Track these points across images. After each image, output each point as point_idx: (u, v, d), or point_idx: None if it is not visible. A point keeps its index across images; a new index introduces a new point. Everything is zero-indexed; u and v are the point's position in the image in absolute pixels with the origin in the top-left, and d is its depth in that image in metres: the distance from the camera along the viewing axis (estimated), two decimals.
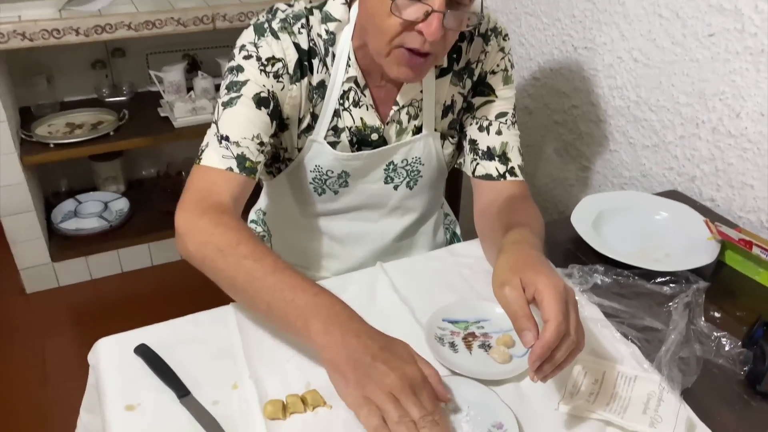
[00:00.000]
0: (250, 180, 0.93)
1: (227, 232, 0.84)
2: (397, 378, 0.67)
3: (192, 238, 0.85)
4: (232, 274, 0.81)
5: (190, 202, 0.89)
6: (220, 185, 0.90)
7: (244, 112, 0.93)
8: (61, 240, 2.20)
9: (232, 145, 0.92)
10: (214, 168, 0.91)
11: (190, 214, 0.87)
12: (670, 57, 1.22)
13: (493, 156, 1.04)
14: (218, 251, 0.82)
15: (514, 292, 0.72)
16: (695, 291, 0.92)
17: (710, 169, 1.19)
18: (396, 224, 1.17)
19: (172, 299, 2.09)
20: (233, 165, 0.91)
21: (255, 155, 0.93)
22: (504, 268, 0.76)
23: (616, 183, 1.42)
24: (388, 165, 1.07)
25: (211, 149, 0.92)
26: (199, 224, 0.85)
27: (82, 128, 2.09)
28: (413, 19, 0.83)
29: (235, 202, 0.91)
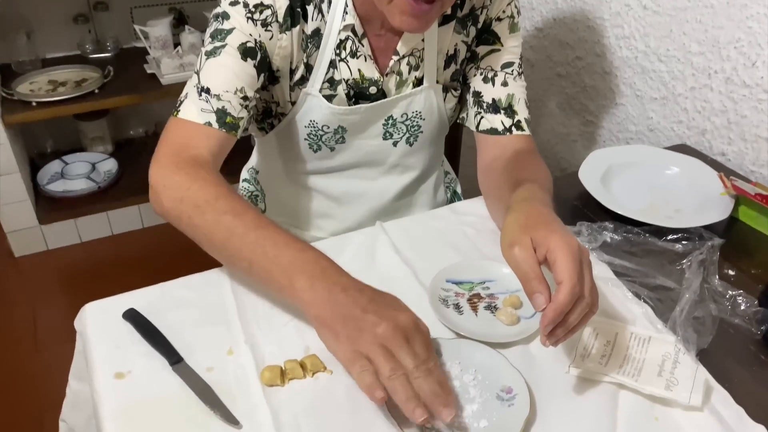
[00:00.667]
0: (230, 137, 0.88)
1: (205, 186, 0.79)
2: (389, 327, 0.63)
3: (167, 193, 0.81)
4: (210, 231, 0.77)
5: (165, 155, 0.84)
6: (198, 139, 0.86)
7: (228, 63, 0.88)
8: (48, 202, 2.15)
9: (213, 99, 0.86)
10: (192, 122, 0.86)
11: (165, 168, 0.83)
12: (682, 3, 1.15)
13: (498, 109, 0.98)
14: (195, 207, 0.78)
15: (525, 252, 0.68)
16: (709, 248, 0.88)
17: (722, 122, 1.14)
18: (395, 183, 1.13)
19: (164, 262, 2.05)
20: (212, 120, 0.86)
21: (237, 110, 0.88)
22: (513, 226, 0.72)
23: (621, 138, 1.37)
24: (387, 120, 1.02)
25: (189, 101, 0.87)
26: (175, 179, 0.81)
27: (66, 86, 2.01)
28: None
29: (213, 158, 0.86)
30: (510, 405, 0.67)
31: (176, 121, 0.88)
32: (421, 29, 0.87)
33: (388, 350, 0.63)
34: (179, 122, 0.87)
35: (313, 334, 0.76)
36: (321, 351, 0.74)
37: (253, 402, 0.68)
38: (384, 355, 0.62)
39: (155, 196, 0.83)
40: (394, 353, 0.62)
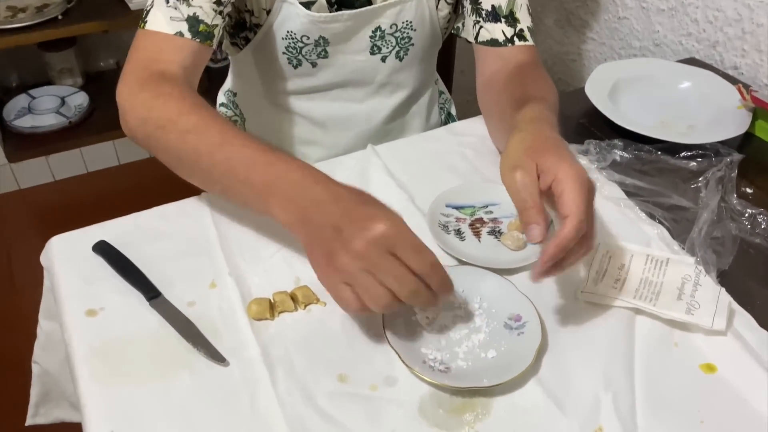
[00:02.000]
0: (205, 47, 0.79)
1: (168, 102, 0.72)
2: (362, 242, 0.55)
3: (132, 114, 0.74)
4: (177, 153, 0.71)
5: (131, 72, 0.76)
6: (167, 53, 0.77)
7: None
8: (16, 139, 2.03)
9: (182, 5, 0.77)
10: (161, 33, 0.77)
11: (130, 86, 0.75)
12: None
13: (498, 17, 0.90)
14: (158, 128, 0.71)
15: (527, 178, 0.61)
16: (728, 164, 0.82)
17: (735, 33, 1.06)
18: (385, 103, 1.05)
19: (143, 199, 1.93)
20: (183, 29, 0.77)
21: (210, 17, 0.78)
22: (518, 148, 0.64)
23: (624, 55, 1.29)
24: (374, 31, 0.93)
25: (157, 9, 0.77)
26: (139, 98, 0.74)
27: (26, 12, 1.87)
28: None
29: (186, 71, 0.78)
30: (519, 333, 0.62)
31: (143, 34, 0.79)
32: None
33: (368, 271, 0.55)
34: (147, 34, 0.78)
35: (303, 265, 0.70)
36: (313, 282, 0.68)
37: (240, 338, 0.63)
38: (362, 279, 0.55)
39: (122, 118, 0.76)
40: (374, 273, 0.55)
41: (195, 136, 0.69)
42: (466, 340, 0.62)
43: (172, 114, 0.71)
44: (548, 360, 0.62)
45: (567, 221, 0.58)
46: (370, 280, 0.55)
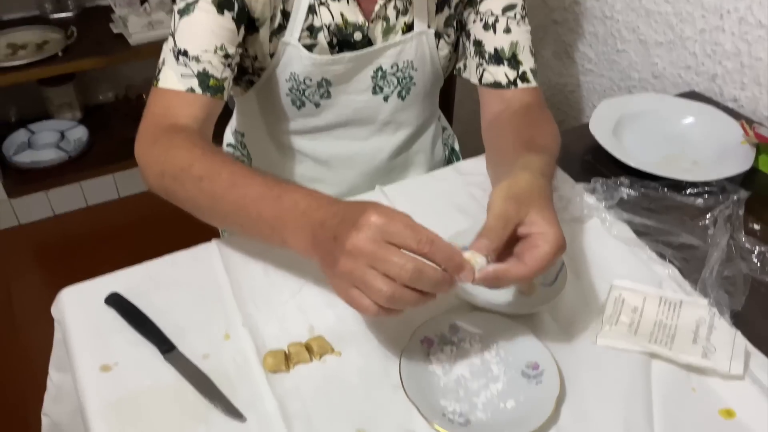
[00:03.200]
0: (216, 100, 0.81)
1: (179, 154, 0.74)
2: (356, 240, 0.56)
3: (149, 170, 0.77)
4: (195, 200, 0.73)
5: (145, 130, 0.79)
6: (179, 108, 0.80)
7: (204, 20, 0.80)
8: (16, 174, 2.03)
9: (192, 61, 0.79)
10: (173, 90, 0.79)
11: (145, 143, 0.78)
12: None
13: (501, 59, 0.91)
14: (174, 179, 0.73)
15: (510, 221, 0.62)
16: (734, 202, 0.82)
17: (734, 66, 1.08)
18: (388, 141, 1.05)
19: (144, 232, 1.97)
20: (194, 85, 0.79)
21: (220, 71, 0.81)
22: (508, 192, 0.65)
23: (623, 87, 1.30)
24: (375, 71, 0.94)
25: (168, 67, 0.80)
26: (153, 153, 0.76)
27: (26, 49, 1.88)
28: None
29: (198, 123, 0.80)
30: (538, 383, 0.62)
31: (156, 92, 0.81)
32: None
33: (369, 266, 0.55)
34: (159, 92, 0.81)
35: (316, 311, 0.70)
36: (327, 331, 0.68)
37: (256, 391, 0.62)
38: (363, 276, 0.55)
39: (142, 173, 0.79)
40: (375, 266, 0.55)
41: (208, 181, 0.71)
42: (484, 389, 0.62)
43: (184, 164, 0.73)
44: (567, 407, 0.61)
45: (522, 267, 0.60)
46: (370, 274, 0.55)
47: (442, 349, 0.65)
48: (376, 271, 0.55)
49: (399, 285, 0.55)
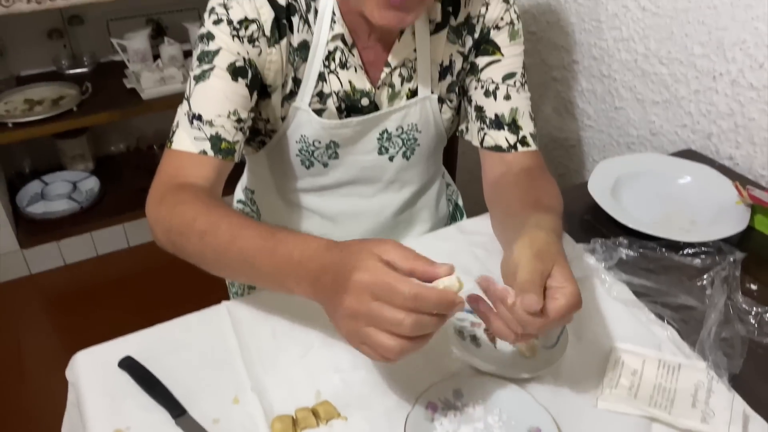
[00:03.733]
0: (227, 162, 0.85)
1: (184, 210, 0.77)
2: (349, 303, 0.58)
3: (157, 227, 0.80)
4: (201, 254, 0.75)
5: (155, 189, 0.82)
6: (191, 169, 0.83)
7: (218, 86, 0.84)
8: (29, 225, 2.07)
9: (205, 125, 0.83)
10: (186, 152, 0.83)
11: (154, 202, 0.81)
12: (683, 4, 1.12)
13: (501, 125, 0.94)
14: (180, 235, 0.76)
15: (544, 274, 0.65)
16: (731, 263, 0.85)
17: (729, 126, 1.11)
18: (393, 199, 1.08)
19: (152, 281, 1.99)
20: (206, 147, 0.83)
21: (232, 134, 0.84)
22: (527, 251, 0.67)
23: (622, 143, 1.34)
24: (381, 134, 0.98)
25: (182, 130, 0.84)
26: (161, 210, 0.79)
27: (42, 105, 1.94)
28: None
29: (208, 182, 0.83)
30: None
31: (169, 153, 0.85)
32: (403, 22, 0.81)
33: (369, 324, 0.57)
34: (173, 153, 0.84)
35: (323, 377, 0.72)
36: (333, 396, 0.70)
37: None
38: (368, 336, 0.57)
39: (151, 231, 0.81)
40: (374, 324, 0.57)
41: (211, 236, 0.74)
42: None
43: (188, 219, 0.76)
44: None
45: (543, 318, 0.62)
46: (374, 333, 0.57)
47: (446, 414, 0.67)
48: (378, 328, 0.57)
49: (404, 338, 0.57)
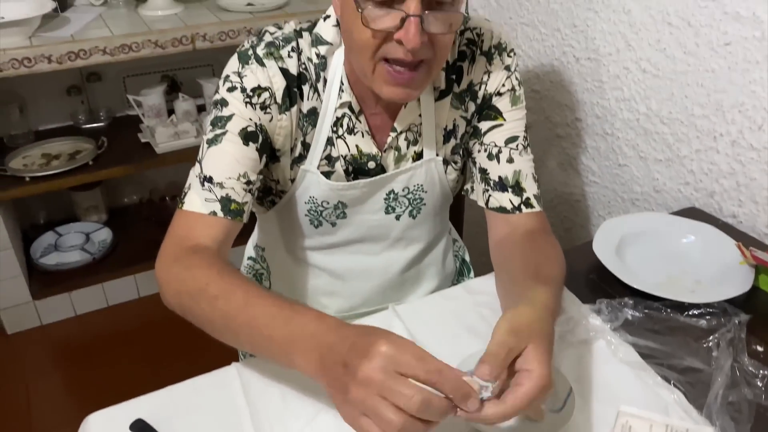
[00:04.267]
0: (236, 223, 0.87)
1: (197, 273, 0.78)
2: (367, 370, 0.58)
3: (168, 288, 0.81)
4: (209, 319, 0.77)
5: (166, 249, 0.84)
6: (201, 230, 0.85)
7: (230, 150, 0.87)
8: (41, 276, 2.10)
9: (216, 187, 0.86)
10: (196, 212, 0.85)
11: (165, 262, 0.82)
12: (683, 67, 1.15)
13: (505, 187, 0.96)
14: (191, 298, 0.77)
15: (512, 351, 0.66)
16: (736, 325, 0.85)
17: (731, 184, 1.13)
18: (400, 256, 1.10)
19: (162, 332, 1.99)
20: (217, 209, 0.85)
21: (241, 196, 0.87)
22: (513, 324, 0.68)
23: (627, 199, 1.36)
24: (388, 194, 1.00)
25: (193, 192, 0.87)
26: (172, 272, 0.81)
27: (59, 159, 1.99)
28: (389, 28, 0.77)
29: (217, 243, 0.85)
30: None
31: (180, 214, 0.87)
32: (410, 96, 0.85)
33: (379, 395, 0.58)
34: (183, 214, 0.87)
35: None
36: None
37: None
38: (374, 406, 0.58)
39: (161, 292, 0.83)
40: (385, 396, 0.58)
41: (223, 301, 0.75)
42: None
43: (201, 283, 0.77)
44: None
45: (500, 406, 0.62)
46: (381, 405, 0.57)
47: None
48: (386, 401, 0.57)
49: (408, 416, 0.57)
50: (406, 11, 0.75)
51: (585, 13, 1.33)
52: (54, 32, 1.79)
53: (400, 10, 0.75)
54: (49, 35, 1.77)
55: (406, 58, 0.78)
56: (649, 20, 1.19)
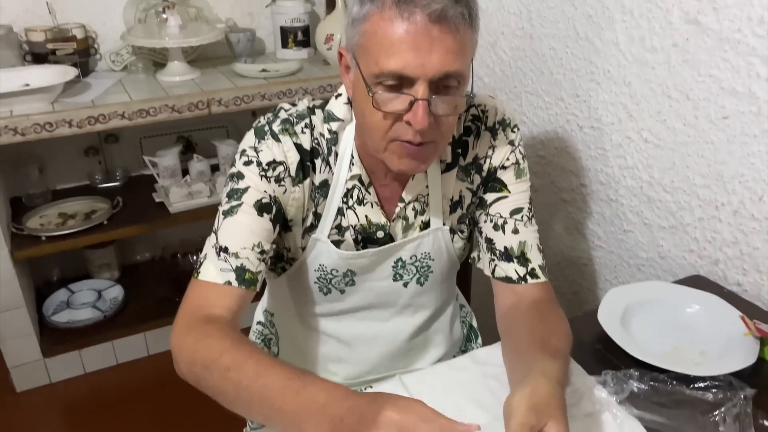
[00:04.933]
0: (249, 292, 0.90)
1: (210, 344, 0.80)
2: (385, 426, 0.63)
3: (182, 358, 0.83)
4: (222, 389, 0.78)
5: (181, 319, 0.86)
6: (215, 299, 0.88)
7: (244, 221, 0.90)
8: (53, 334, 2.11)
9: (231, 257, 0.89)
10: (211, 282, 0.88)
11: (180, 332, 0.85)
12: (683, 138, 1.19)
13: (511, 257, 0.99)
14: (204, 368, 0.79)
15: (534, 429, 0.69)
16: (742, 401, 0.85)
17: (734, 253, 1.14)
18: (408, 323, 1.12)
19: (170, 391, 1.99)
20: (231, 278, 0.88)
21: (255, 265, 0.90)
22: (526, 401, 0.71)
23: (632, 264, 1.37)
24: (396, 262, 1.03)
25: (209, 262, 0.89)
26: (187, 342, 0.83)
27: (75, 218, 2.04)
28: (399, 111, 0.81)
29: (231, 313, 0.87)
30: None
31: (196, 283, 0.90)
32: (421, 168, 0.90)
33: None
34: (199, 284, 0.89)
35: None
36: None
37: None
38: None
39: (175, 362, 0.84)
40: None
41: (235, 372, 0.77)
42: None
43: (214, 354, 0.79)
44: None
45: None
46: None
47: None
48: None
49: None
50: (414, 95, 0.79)
51: (587, 84, 1.37)
52: (75, 98, 1.86)
53: (409, 94, 0.79)
54: (71, 100, 1.84)
55: (414, 140, 0.82)
56: (649, 93, 1.23)
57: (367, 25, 0.80)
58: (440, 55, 0.78)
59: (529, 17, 1.49)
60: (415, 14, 0.76)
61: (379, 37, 0.78)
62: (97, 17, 2.12)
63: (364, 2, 0.80)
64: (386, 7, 0.78)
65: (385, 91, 0.80)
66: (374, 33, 0.79)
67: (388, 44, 0.78)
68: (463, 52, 0.80)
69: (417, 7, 0.76)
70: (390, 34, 0.77)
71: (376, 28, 0.79)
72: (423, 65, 0.77)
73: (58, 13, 2.03)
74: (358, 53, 0.82)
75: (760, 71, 1.03)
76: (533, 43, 1.50)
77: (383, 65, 0.79)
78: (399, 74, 0.78)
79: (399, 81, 0.79)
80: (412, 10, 0.76)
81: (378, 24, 0.78)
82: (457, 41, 0.79)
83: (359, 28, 0.81)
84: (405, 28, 0.76)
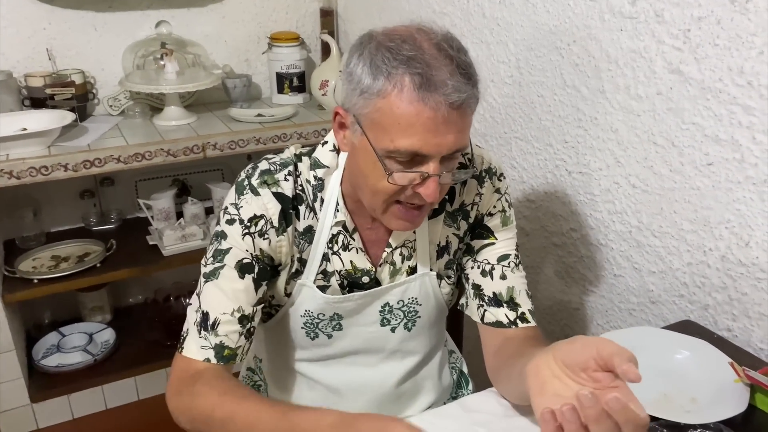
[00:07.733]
0: (228, 366, 0.94)
1: (200, 402, 0.86)
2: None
3: (182, 417, 0.89)
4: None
5: (172, 385, 0.92)
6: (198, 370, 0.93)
7: (226, 286, 0.93)
8: (42, 378, 2.08)
9: (211, 334, 0.92)
10: (193, 359, 0.92)
11: (172, 395, 0.91)
12: (670, 184, 1.20)
13: (500, 302, 0.99)
14: (204, 424, 0.85)
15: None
16: None
17: (723, 298, 1.14)
18: (396, 368, 1.11)
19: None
20: (210, 356, 0.92)
21: (235, 341, 0.93)
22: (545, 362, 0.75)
23: (623, 308, 1.37)
24: (383, 306, 1.03)
25: (190, 338, 0.93)
26: (182, 403, 0.88)
27: (68, 261, 2.03)
28: (411, 182, 0.83)
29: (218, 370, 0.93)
30: None
31: (180, 358, 0.94)
32: (414, 227, 0.93)
33: None
34: (181, 359, 0.94)
35: None
36: None
37: None
38: None
39: (177, 422, 0.90)
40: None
41: (232, 423, 0.82)
42: None
43: (208, 411, 0.84)
44: None
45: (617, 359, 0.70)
46: None
47: None
48: None
49: None
50: (427, 171, 0.81)
51: (575, 130, 1.40)
52: (72, 141, 1.88)
53: (422, 171, 0.81)
54: (67, 144, 1.86)
55: (420, 203, 0.85)
56: (635, 139, 1.25)
57: (381, 102, 0.79)
58: (454, 135, 0.80)
59: (518, 65, 1.53)
60: (438, 103, 0.76)
61: (396, 117, 0.78)
62: (96, 63, 2.16)
63: (377, 77, 0.78)
64: (405, 89, 0.77)
65: (398, 165, 0.82)
66: (390, 112, 0.78)
67: (407, 125, 0.78)
68: (470, 127, 0.83)
69: (440, 95, 0.76)
70: (408, 116, 0.77)
71: (394, 108, 0.78)
72: (439, 145, 0.79)
73: (57, 59, 2.07)
74: (367, 125, 0.82)
75: (741, 119, 1.05)
76: (522, 91, 1.53)
77: (399, 144, 0.79)
78: (414, 153, 0.80)
79: (412, 157, 0.81)
80: (437, 99, 0.76)
81: (395, 104, 0.78)
82: (468, 121, 0.82)
83: (371, 102, 0.80)
84: (427, 114, 0.77)
